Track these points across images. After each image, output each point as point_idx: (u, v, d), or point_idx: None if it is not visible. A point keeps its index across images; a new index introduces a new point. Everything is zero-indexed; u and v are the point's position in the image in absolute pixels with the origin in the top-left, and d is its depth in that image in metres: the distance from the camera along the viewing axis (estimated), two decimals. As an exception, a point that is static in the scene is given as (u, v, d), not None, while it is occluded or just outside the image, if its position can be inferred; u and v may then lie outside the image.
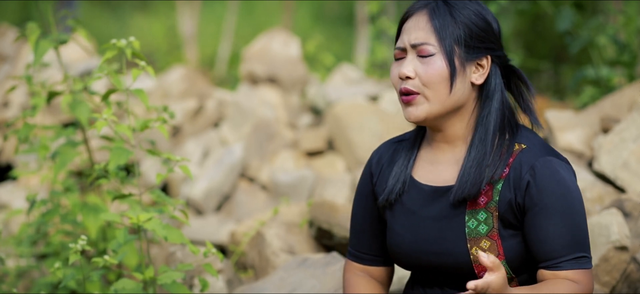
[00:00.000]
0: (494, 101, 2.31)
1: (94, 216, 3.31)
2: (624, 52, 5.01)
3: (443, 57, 2.26)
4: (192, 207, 4.92)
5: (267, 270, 3.51)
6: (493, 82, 2.31)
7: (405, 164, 2.39)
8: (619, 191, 3.41)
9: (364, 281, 2.50)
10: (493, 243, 2.26)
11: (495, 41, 2.31)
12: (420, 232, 2.33)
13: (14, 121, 3.43)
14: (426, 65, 2.27)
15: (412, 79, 2.28)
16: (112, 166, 2.78)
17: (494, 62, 2.32)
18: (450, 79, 2.26)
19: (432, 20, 2.27)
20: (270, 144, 5.19)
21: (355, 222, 2.51)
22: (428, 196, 2.33)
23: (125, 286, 2.68)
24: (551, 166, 2.24)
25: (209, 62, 12.51)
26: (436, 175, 2.35)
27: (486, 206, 2.27)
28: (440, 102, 2.27)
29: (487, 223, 2.26)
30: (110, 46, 2.80)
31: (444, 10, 2.28)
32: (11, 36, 6.73)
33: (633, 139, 3.42)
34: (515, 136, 2.31)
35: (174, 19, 13.36)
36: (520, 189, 2.24)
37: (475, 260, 2.26)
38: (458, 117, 2.32)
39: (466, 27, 2.27)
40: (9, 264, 4.02)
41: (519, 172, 2.25)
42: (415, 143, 2.41)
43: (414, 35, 2.29)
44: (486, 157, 2.27)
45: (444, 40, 2.26)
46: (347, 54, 12.08)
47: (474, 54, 2.28)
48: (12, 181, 5.36)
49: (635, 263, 2.97)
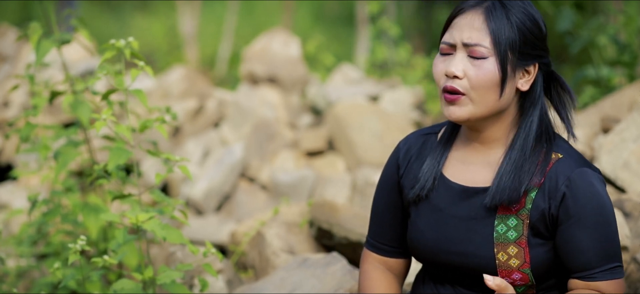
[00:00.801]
0: (537, 108, 2.26)
1: (94, 216, 3.31)
2: (624, 52, 5.01)
3: (496, 62, 2.19)
4: (192, 207, 4.92)
5: (268, 270, 3.51)
6: (538, 89, 2.26)
7: (437, 161, 2.33)
8: (620, 191, 3.41)
9: (380, 274, 2.46)
10: (521, 249, 2.23)
11: (544, 47, 2.26)
12: (446, 230, 2.29)
13: (15, 121, 3.43)
14: (477, 68, 2.20)
15: (460, 79, 2.21)
16: (112, 166, 2.78)
17: (540, 68, 2.26)
18: (501, 85, 2.20)
19: (489, 21, 2.20)
20: (271, 144, 5.19)
21: (377, 211, 2.46)
22: (457, 195, 2.29)
23: (124, 286, 2.68)
24: (587, 178, 2.22)
25: (209, 62, 12.51)
26: (468, 175, 2.31)
27: (518, 212, 2.23)
28: (487, 107, 2.22)
29: (516, 229, 2.23)
30: (109, 46, 2.80)
31: (501, 12, 2.20)
32: (12, 36, 6.73)
33: (633, 139, 3.42)
34: (552, 145, 2.27)
35: (174, 19, 13.36)
36: (555, 200, 2.21)
37: (500, 265, 2.23)
38: (498, 120, 2.27)
39: (521, 32, 2.20)
40: (10, 264, 4.02)
41: (555, 182, 2.22)
42: (449, 140, 2.36)
43: (467, 34, 2.21)
44: (525, 163, 2.23)
45: (499, 45, 2.19)
46: (348, 54, 12.08)
47: (525, 60, 2.23)
48: (13, 181, 5.37)
49: (636, 263, 2.97)
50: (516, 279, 2.24)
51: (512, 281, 2.25)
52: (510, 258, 2.23)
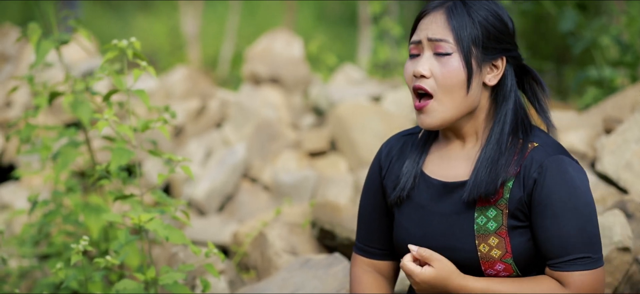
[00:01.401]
0: (510, 101, 2.29)
1: (96, 217, 3.31)
2: (626, 53, 5.00)
3: (460, 58, 2.24)
4: (194, 207, 4.92)
5: (270, 271, 3.50)
6: (508, 83, 2.30)
7: (416, 160, 2.37)
8: (622, 192, 3.40)
9: (371, 278, 2.48)
10: (501, 240, 2.25)
11: (511, 41, 2.30)
12: (429, 227, 2.32)
13: (16, 121, 3.43)
14: (443, 66, 2.24)
15: (427, 79, 2.26)
16: (114, 167, 2.78)
17: (509, 62, 2.30)
18: (467, 82, 2.24)
19: (450, 19, 2.25)
20: (273, 145, 5.19)
21: (363, 215, 2.49)
22: (438, 191, 2.33)
23: (126, 286, 2.68)
24: (561, 165, 2.24)
25: (211, 63, 12.51)
26: (447, 170, 2.34)
27: (497, 203, 2.26)
28: (455, 107, 2.26)
29: (496, 220, 2.26)
30: (111, 47, 2.80)
31: (461, 10, 2.25)
32: (13, 36, 6.73)
33: (636, 140, 3.42)
34: (529, 136, 2.30)
35: (177, 19, 13.37)
36: (528, 187, 2.24)
37: (482, 257, 2.25)
38: (471, 116, 2.31)
39: (483, 27, 2.25)
40: (12, 265, 4.02)
41: (529, 170, 2.24)
42: (427, 138, 2.40)
43: (432, 31, 2.26)
44: (501, 157, 2.26)
45: (462, 40, 2.23)
46: (350, 55, 12.08)
47: (490, 55, 2.27)
48: (15, 181, 5.37)
49: (638, 264, 2.96)
50: (500, 270, 2.26)
51: (496, 272, 2.26)
52: (492, 249, 2.25)
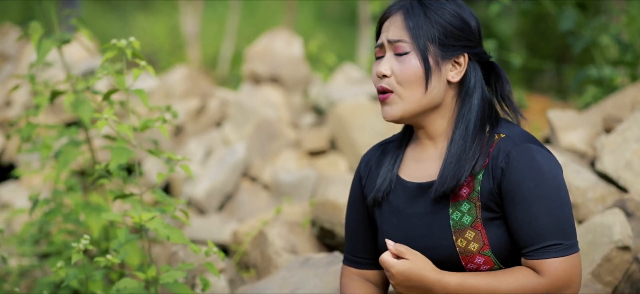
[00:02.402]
0: (474, 97, 2.34)
1: (96, 216, 3.32)
2: (626, 52, 5.00)
3: (417, 55, 2.30)
4: (194, 206, 4.92)
5: (270, 270, 3.51)
6: (472, 79, 2.35)
7: (392, 164, 2.43)
8: (622, 191, 3.40)
9: (360, 285, 2.51)
10: (477, 233, 2.27)
11: (472, 39, 2.34)
12: (408, 229, 2.35)
13: (17, 120, 3.43)
14: (401, 64, 2.31)
15: (389, 78, 2.33)
16: (113, 166, 2.78)
17: (472, 59, 2.35)
18: (425, 78, 2.30)
19: (406, 19, 2.32)
20: (273, 144, 5.19)
21: (349, 227, 2.54)
22: (413, 193, 2.36)
23: (127, 285, 2.69)
24: (527, 153, 2.25)
25: (211, 62, 12.51)
26: (421, 172, 2.38)
27: (469, 197, 2.28)
28: (415, 101, 2.32)
29: (470, 213, 2.28)
30: (110, 46, 2.80)
31: (418, 10, 2.32)
32: (14, 35, 6.73)
33: (636, 139, 3.42)
34: (496, 128, 2.33)
35: (177, 19, 13.36)
36: (496, 177, 2.26)
37: (461, 252, 2.27)
38: (438, 114, 2.35)
39: (441, 26, 2.31)
40: (12, 264, 4.02)
41: (496, 160, 2.27)
42: (402, 143, 2.46)
43: (391, 33, 2.34)
44: (466, 151, 2.29)
45: (417, 39, 2.30)
46: (350, 54, 12.08)
47: (450, 52, 2.32)
48: (15, 180, 5.37)
49: (638, 263, 2.97)
50: (480, 263, 2.27)
51: (477, 266, 2.27)
52: (469, 243, 2.27)
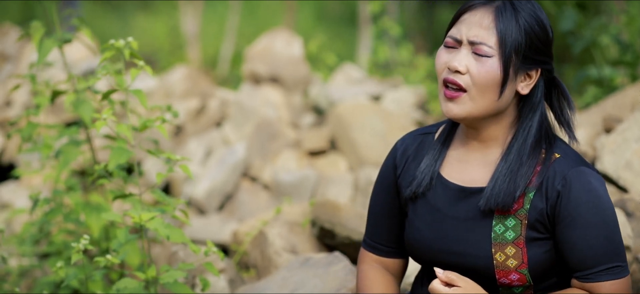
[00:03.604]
0: (537, 112, 2.27)
1: (96, 216, 3.31)
2: (626, 52, 5.00)
3: (499, 62, 2.20)
4: (194, 206, 4.92)
5: (270, 270, 3.51)
6: (538, 94, 2.27)
7: (434, 159, 2.34)
8: (622, 191, 3.40)
9: (379, 274, 2.46)
10: (518, 250, 2.23)
11: (549, 54, 2.26)
12: (443, 230, 2.30)
13: (17, 120, 3.43)
14: (480, 65, 2.20)
15: (462, 75, 2.22)
16: (112, 166, 2.78)
17: (542, 74, 2.27)
18: (501, 86, 2.21)
19: (497, 21, 2.20)
20: (273, 144, 5.19)
21: (374, 212, 2.46)
22: (455, 195, 2.30)
23: (127, 285, 2.68)
24: (583, 176, 2.22)
25: (211, 62, 12.51)
26: (465, 174, 2.31)
27: (516, 213, 2.24)
28: (486, 106, 2.23)
29: (515, 230, 2.23)
30: (108, 46, 2.80)
31: (510, 13, 2.21)
32: (14, 35, 6.74)
33: (636, 139, 3.42)
34: (552, 147, 2.27)
35: (177, 19, 13.36)
36: (551, 200, 2.22)
37: (498, 265, 2.23)
38: (496, 120, 2.27)
39: (528, 36, 2.21)
40: (12, 263, 4.02)
41: (552, 182, 2.22)
42: (446, 139, 2.37)
43: (475, 32, 2.22)
44: (521, 168, 2.23)
45: (505, 46, 2.19)
46: (350, 54, 12.08)
47: (528, 64, 2.23)
48: (15, 180, 5.37)
49: (638, 262, 2.97)
50: (513, 279, 2.24)
51: (510, 282, 2.25)
52: (508, 259, 2.24)
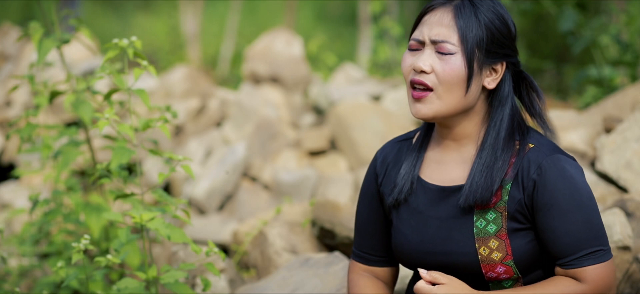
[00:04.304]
0: (506, 106, 2.30)
1: (96, 216, 3.31)
2: (626, 52, 5.01)
3: (463, 58, 2.23)
4: (194, 206, 4.92)
5: (270, 270, 3.51)
6: (506, 88, 2.30)
7: (413, 164, 2.37)
8: (622, 191, 3.40)
9: (369, 282, 2.49)
10: (501, 242, 2.25)
11: (512, 47, 2.30)
12: (427, 232, 2.32)
13: (17, 120, 3.43)
14: (444, 63, 2.24)
15: (428, 74, 2.25)
16: (114, 166, 2.78)
17: (508, 67, 2.30)
18: (467, 82, 2.24)
19: (457, 19, 2.24)
20: (273, 144, 5.19)
21: (360, 222, 2.50)
22: (435, 195, 2.33)
23: (127, 285, 2.68)
24: (558, 163, 2.24)
25: (211, 62, 12.51)
26: (443, 174, 2.34)
27: (495, 206, 2.26)
28: (453, 103, 2.26)
29: (495, 222, 2.26)
30: (112, 46, 2.80)
31: (470, 10, 2.25)
32: (14, 35, 6.74)
33: (636, 139, 3.42)
34: (526, 138, 2.30)
35: (177, 19, 13.36)
36: (528, 189, 2.24)
37: (483, 260, 2.25)
38: (467, 117, 2.30)
39: (489, 31, 2.25)
40: (12, 264, 4.02)
41: (527, 171, 2.25)
42: (423, 142, 2.40)
43: (436, 31, 2.26)
44: (496, 162, 2.26)
45: (466, 42, 2.23)
46: (350, 54, 12.08)
47: (492, 58, 2.27)
48: (15, 180, 5.37)
49: (638, 263, 2.97)
50: (500, 272, 2.26)
51: (497, 275, 2.27)
52: (492, 252, 2.26)
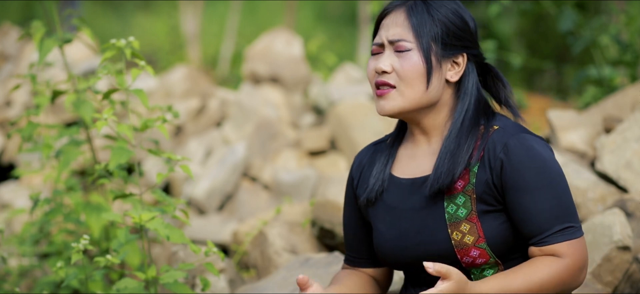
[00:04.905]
0: (471, 96, 2.34)
1: (96, 216, 3.32)
2: (626, 52, 5.01)
3: (419, 53, 2.30)
4: (194, 206, 4.92)
5: (270, 270, 3.51)
6: (469, 80, 2.35)
7: (384, 163, 2.42)
8: (622, 191, 3.40)
9: (347, 273, 2.52)
10: (473, 225, 2.27)
11: (471, 39, 2.35)
12: (402, 225, 2.35)
13: (18, 120, 3.43)
14: (403, 60, 2.31)
15: (389, 74, 2.32)
16: (113, 166, 2.78)
17: (470, 60, 2.35)
18: (427, 76, 2.30)
19: (410, 17, 2.32)
20: (273, 144, 5.19)
21: (346, 228, 2.55)
22: (407, 189, 2.36)
23: (127, 285, 2.69)
24: (524, 142, 2.26)
25: (211, 62, 12.51)
26: (415, 168, 2.38)
27: (464, 189, 2.29)
28: (416, 98, 2.31)
29: (465, 206, 2.28)
30: (110, 46, 2.81)
31: (421, 8, 2.32)
32: (14, 35, 6.74)
33: (636, 139, 3.42)
34: (491, 121, 2.34)
35: (177, 19, 13.37)
36: (495, 169, 2.26)
37: (456, 245, 2.27)
38: (434, 111, 2.35)
39: (443, 25, 2.31)
40: (12, 263, 4.02)
41: (493, 152, 2.27)
42: (394, 142, 2.45)
43: (392, 32, 2.33)
44: (460, 146, 2.30)
45: (421, 37, 2.30)
46: (350, 54, 12.09)
47: (451, 51, 2.32)
48: (15, 180, 5.37)
49: (638, 263, 2.97)
50: (475, 256, 2.27)
51: (472, 259, 2.28)
52: (464, 236, 2.27)
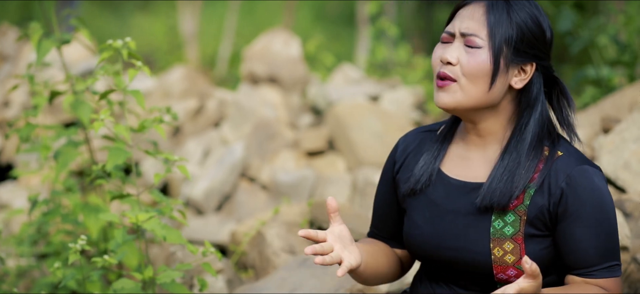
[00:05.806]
0: (535, 110, 2.28)
1: (94, 216, 3.31)
2: (624, 52, 5.01)
3: (489, 53, 2.22)
4: (192, 207, 4.92)
5: (268, 270, 3.51)
6: (535, 90, 2.28)
7: (434, 156, 2.36)
8: (620, 191, 3.41)
9: (380, 242, 2.48)
10: (517, 246, 2.24)
11: (545, 50, 2.28)
12: (442, 225, 2.30)
13: (16, 121, 3.43)
14: (470, 56, 2.23)
15: (453, 66, 2.25)
16: (110, 166, 2.78)
17: (538, 70, 2.28)
18: (492, 77, 2.23)
19: (488, 14, 2.24)
20: (271, 144, 5.19)
21: (376, 203, 2.49)
22: (455, 190, 2.31)
23: (124, 286, 2.69)
24: (587, 175, 2.22)
25: (209, 62, 12.52)
26: (466, 170, 2.32)
27: (516, 209, 2.24)
28: (476, 97, 2.25)
29: (513, 225, 2.24)
30: (106, 47, 2.80)
31: (502, 7, 2.24)
32: (12, 36, 6.74)
33: (634, 140, 3.42)
34: (555, 146, 2.27)
35: (175, 19, 13.37)
36: (554, 197, 2.22)
37: (495, 261, 2.24)
38: (492, 114, 2.29)
39: (520, 29, 2.24)
40: (10, 264, 4.02)
41: (555, 179, 2.22)
42: (447, 136, 2.38)
43: (466, 24, 2.25)
44: (520, 167, 2.24)
45: (494, 37, 2.22)
46: (348, 54, 12.09)
47: (521, 58, 2.25)
48: (13, 181, 5.37)
49: (636, 263, 2.97)
50: (511, 275, 2.25)
51: (507, 277, 2.25)
52: (506, 254, 2.24)
